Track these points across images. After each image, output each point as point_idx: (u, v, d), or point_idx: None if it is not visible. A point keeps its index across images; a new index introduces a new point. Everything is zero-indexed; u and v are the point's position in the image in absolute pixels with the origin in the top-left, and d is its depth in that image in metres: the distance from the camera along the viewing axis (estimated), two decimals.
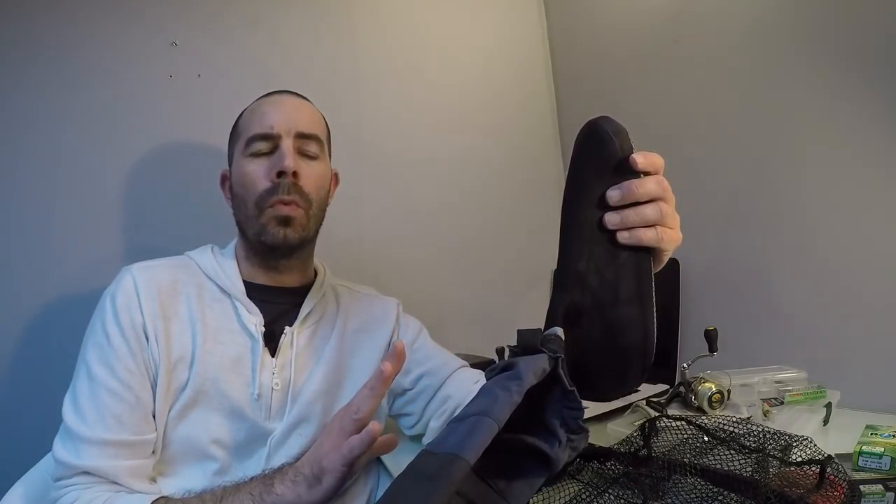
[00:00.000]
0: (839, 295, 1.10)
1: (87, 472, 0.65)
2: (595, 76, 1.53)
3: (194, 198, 1.04)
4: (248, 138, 0.78)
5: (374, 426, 0.58)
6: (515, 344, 0.47)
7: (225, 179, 0.85)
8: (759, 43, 1.19)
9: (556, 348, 0.45)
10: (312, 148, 0.80)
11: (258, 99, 0.84)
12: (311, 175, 0.79)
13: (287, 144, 0.77)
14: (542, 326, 0.51)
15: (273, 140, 0.78)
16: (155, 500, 0.62)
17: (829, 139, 1.10)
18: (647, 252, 0.51)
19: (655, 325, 0.50)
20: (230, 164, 0.84)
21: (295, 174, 0.76)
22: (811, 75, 1.12)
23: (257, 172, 0.77)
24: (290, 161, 0.76)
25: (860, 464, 0.74)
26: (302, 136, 0.79)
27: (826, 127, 1.11)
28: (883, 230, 1.04)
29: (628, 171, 0.49)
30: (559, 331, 0.48)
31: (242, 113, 0.84)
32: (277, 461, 0.74)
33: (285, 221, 0.76)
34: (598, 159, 0.50)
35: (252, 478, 0.66)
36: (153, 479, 0.70)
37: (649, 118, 1.37)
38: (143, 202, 1.01)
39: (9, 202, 0.91)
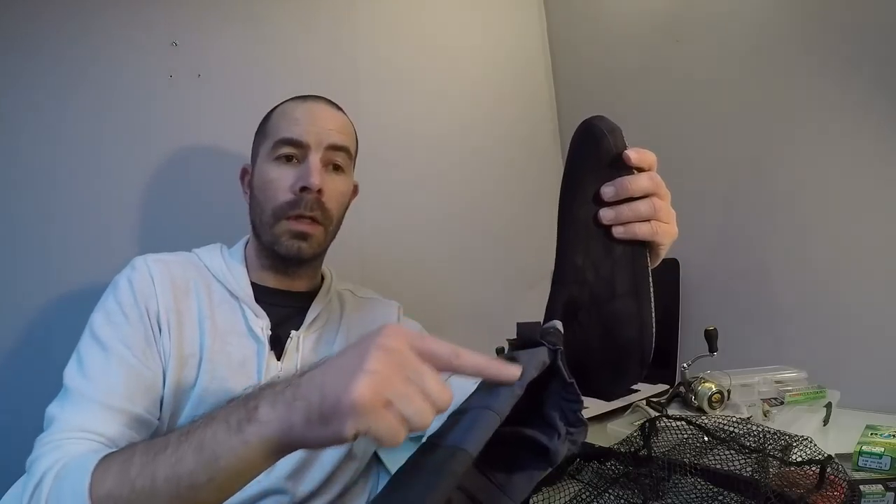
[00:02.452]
0: (839, 295, 1.10)
1: (78, 431, 0.59)
2: (595, 76, 1.53)
3: (195, 198, 1.04)
4: (277, 141, 0.77)
5: None
6: (515, 337, 0.48)
7: (245, 174, 0.85)
8: (759, 43, 1.19)
9: (555, 341, 0.45)
10: (340, 160, 0.80)
11: (291, 100, 0.82)
12: (334, 190, 0.79)
13: (315, 159, 0.76)
14: (540, 321, 0.51)
15: (301, 148, 0.77)
16: (104, 457, 0.52)
17: (829, 139, 1.10)
18: (643, 247, 0.51)
19: (654, 319, 0.50)
20: (253, 161, 0.83)
21: (320, 191, 0.76)
22: (811, 75, 1.12)
23: (281, 181, 0.76)
24: (315, 178, 0.74)
25: (860, 464, 0.74)
26: (332, 148, 0.78)
27: (826, 127, 1.11)
28: (883, 230, 1.04)
29: (622, 167, 0.50)
30: (558, 324, 0.48)
31: (273, 111, 0.82)
32: (280, 464, 0.74)
33: (302, 236, 0.76)
34: (592, 156, 0.51)
35: (232, 399, 0.49)
36: None
37: (650, 118, 1.37)
38: (142, 202, 1.01)
39: (8, 202, 0.91)
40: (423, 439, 0.46)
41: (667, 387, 1.18)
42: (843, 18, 1.06)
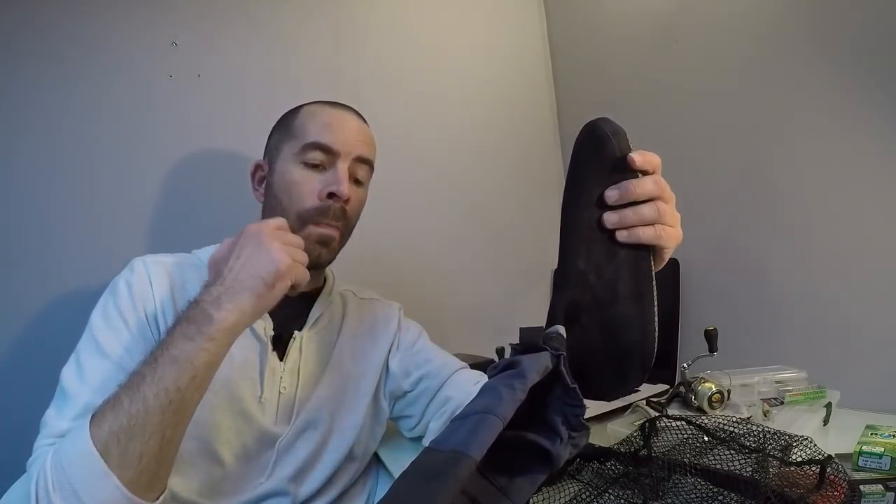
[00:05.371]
0: (839, 295, 1.10)
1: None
2: (595, 76, 1.53)
3: (195, 197, 1.04)
4: (307, 144, 0.77)
5: None
6: (517, 342, 0.47)
7: (258, 170, 0.84)
8: (759, 43, 1.19)
9: (557, 346, 0.45)
10: (362, 173, 0.81)
11: (319, 103, 0.82)
12: (357, 201, 0.81)
13: (343, 168, 0.77)
14: (543, 325, 0.51)
15: (331, 155, 0.77)
16: (92, 414, 0.55)
17: (829, 139, 1.10)
18: (647, 250, 0.51)
19: (657, 323, 0.49)
20: (269, 158, 0.82)
21: (346, 200, 0.77)
22: (812, 76, 1.12)
23: (306, 185, 0.76)
24: (346, 187, 0.76)
25: (860, 464, 0.74)
26: (358, 160, 0.80)
27: (826, 126, 1.11)
28: (883, 230, 1.04)
29: (626, 170, 0.50)
30: (561, 329, 0.48)
31: (298, 111, 0.82)
32: (284, 466, 0.74)
33: (325, 242, 0.77)
34: (596, 159, 0.51)
35: (178, 317, 0.60)
36: None
37: (649, 118, 1.37)
38: (142, 202, 1.01)
39: (7, 201, 0.91)
40: (423, 439, 0.46)
41: (667, 387, 1.18)
42: (843, 19, 1.06)
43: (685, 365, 1.02)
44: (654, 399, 1.05)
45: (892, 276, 1.03)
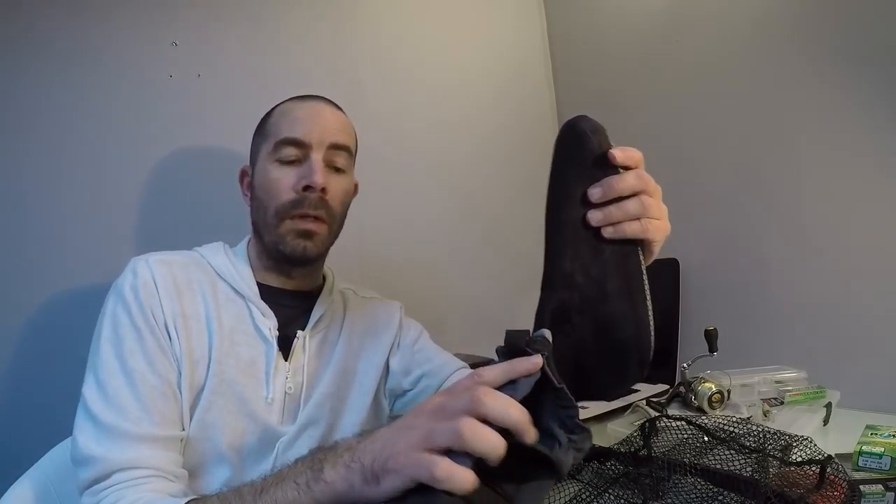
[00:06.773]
0: (839, 295, 1.10)
1: (127, 468, 0.61)
2: (595, 76, 1.53)
3: (195, 197, 1.04)
4: (278, 141, 0.76)
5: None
6: (503, 344, 0.47)
7: (245, 175, 0.84)
8: (759, 43, 1.19)
9: (541, 349, 0.44)
10: (341, 160, 0.79)
11: (290, 100, 0.81)
12: (337, 190, 0.78)
13: (317, 157, 0.76)
14: (530, 328, 0.50)
15: (303, 148, 0.76)
16: (188, 502, 0.57)
17: (828, 138, 1.10)
18: (635, 245, 0.50)
19: (651, 318, 0.49)
20: (252, 162, 0.82)
21: (323, 189, 0.75)
22: (811, 75, 1.12)
23: (283, 181, 0.75)
24: (319, 177, 0.74)
25: (860, 464, 0.74)
26: (333, 147, 0.78)
27: (826, 126, 1.11)
28: (883, 230, 1.04)
29: (608, 167, 0.49)
30: (547, 333, 0.47)
31: (272, 111, 0.82)
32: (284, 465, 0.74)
33: (307, 235, 0.76)
34: (577, 158, 0.50)
35: (299, 460, 0.54)
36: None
37: (649, 118, 1.37)
38: (143, 202, 1.01)
39: (8, 201, 0.91)
40: None
41: (667, 387, 1.18)
42: (844, 16, 1.06)
43: (685, 365, 1.02)
44: (654, 399, 1.05)
45: (891, 276, 1.03)
